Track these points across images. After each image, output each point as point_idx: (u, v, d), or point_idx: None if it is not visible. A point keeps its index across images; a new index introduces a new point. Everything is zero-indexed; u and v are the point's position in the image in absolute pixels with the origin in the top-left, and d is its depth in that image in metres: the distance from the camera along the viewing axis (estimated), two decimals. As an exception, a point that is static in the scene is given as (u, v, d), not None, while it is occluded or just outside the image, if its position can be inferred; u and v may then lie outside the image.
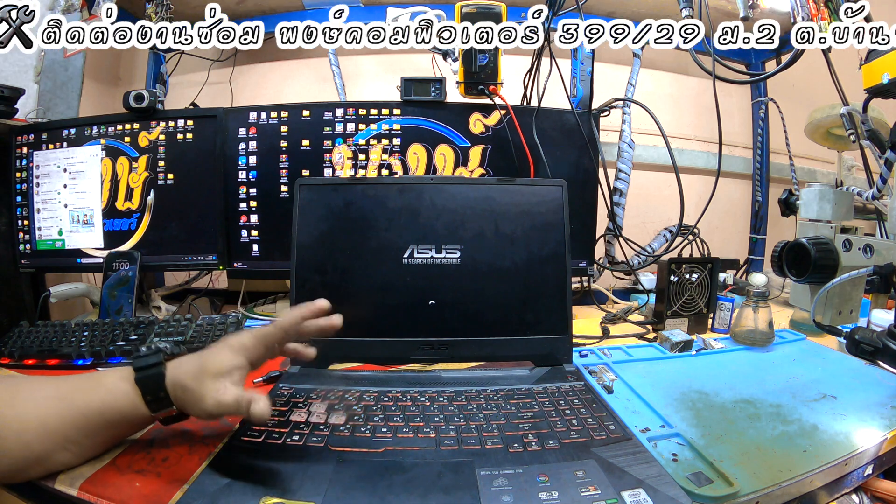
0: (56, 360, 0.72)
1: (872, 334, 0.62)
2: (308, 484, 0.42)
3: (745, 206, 1.47)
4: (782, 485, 0.45)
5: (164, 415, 0.46)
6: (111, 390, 0.45)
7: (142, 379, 0.45)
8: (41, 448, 0.43)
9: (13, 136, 0.98)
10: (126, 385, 0.45)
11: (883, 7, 0.83)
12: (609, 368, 0.71)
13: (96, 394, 0.45)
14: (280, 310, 1.03)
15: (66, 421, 0.44)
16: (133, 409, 0.45)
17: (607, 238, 1.19)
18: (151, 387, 0.45)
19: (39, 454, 0.43)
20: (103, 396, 0.45)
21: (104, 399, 0.45)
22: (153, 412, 0.45)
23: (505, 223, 0.70)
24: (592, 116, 1.02)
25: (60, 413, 0.44)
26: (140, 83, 1.36)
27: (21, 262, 0.99)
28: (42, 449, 0.43)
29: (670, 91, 1.49)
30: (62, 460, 0.44)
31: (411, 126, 0.96)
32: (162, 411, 0.45)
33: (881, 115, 0.89)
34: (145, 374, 0.45)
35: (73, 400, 0.44)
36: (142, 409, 0.45)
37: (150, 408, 0.45)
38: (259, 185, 0.97)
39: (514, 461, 0.45)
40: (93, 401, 0.44)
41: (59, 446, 0.43)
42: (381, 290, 0.68)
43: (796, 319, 0.93)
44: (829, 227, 0.70)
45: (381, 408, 0.55)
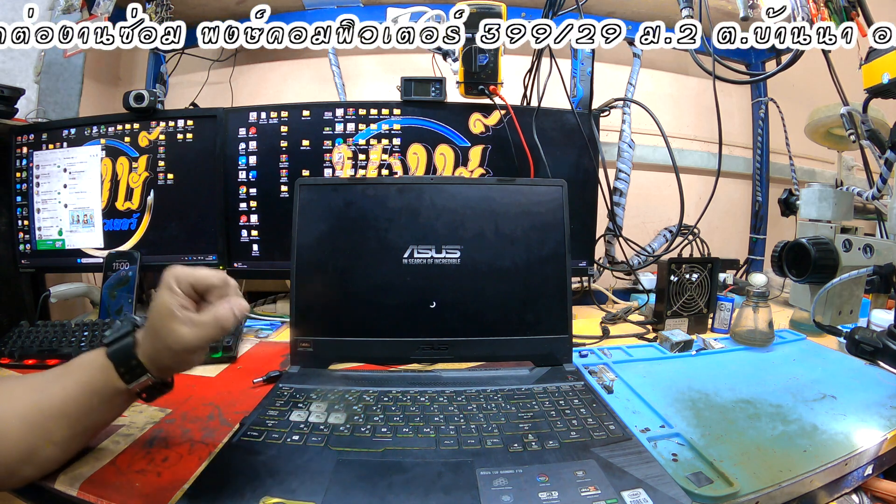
0: (56, 360, 0.72)
1: (872, 334, 0.62)
2: (308, 484, 0.42)
3: (745, 206, 1.47)
4: (782, 485, 0.45)
5: (141, 386, 0.44)
6: (87, 370, 0.44)
7: (112, 351, 0.44)
8: (25, 445, 0.41)
9: (13, 136, 0.98)
10: (99, 360, 0.44)
11: (883, 7, 0.83)
12: (609, 368, 0.71)
13: (70, 377, 0.44)
14: (280, 309, 1.03)
15: (45, 412, 0.42)
16: (107, 383, 0.44)
17: (607, 238, 1.19)
18: (122, 357, 0.44)
19: (24, 451, 0.42)
20: (77, 377, 0.44)
21: (78, 380, 0.44)
22: (128, 383, 0.44)
23: (505, 223, 0.70)
24: (592, 116, 1.02)
25: (38, 406, 0.42)
26: (140, 83, 1.36)
27: (21, 262, 0.99)
28: (26, 445, 0.42)
29: (670, 91, 1.49)
30: (50, 455, 0.43)
31: (411, 126, 0.96)
32: (137, 382, 0.44)
33: (881, 115, 0.89)
34: (115, 347, 0.44)
35: (47, 389, 0.43)
36: (116, 383, 0.44)
37: (124, 379, 0.44)
38: (259, 185, 0.97)
39: (514, 461, 0.45)
40: (67, 385, 0.43)
41: (43, 440, 0.42)
42: (381, 290, 0.68)
43: (796, 319, 0.93)
44: (829, 227, 0.70)
45: (381, 408, 0.55)
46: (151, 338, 0.44)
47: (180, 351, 0.43)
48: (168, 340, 0.43)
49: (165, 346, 0.43)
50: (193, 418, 0.55)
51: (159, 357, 0.44)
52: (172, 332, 0.42)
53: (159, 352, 0.44)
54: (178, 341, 0.42)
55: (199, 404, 0.58)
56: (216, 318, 0.43)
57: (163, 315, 0.43)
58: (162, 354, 0.44)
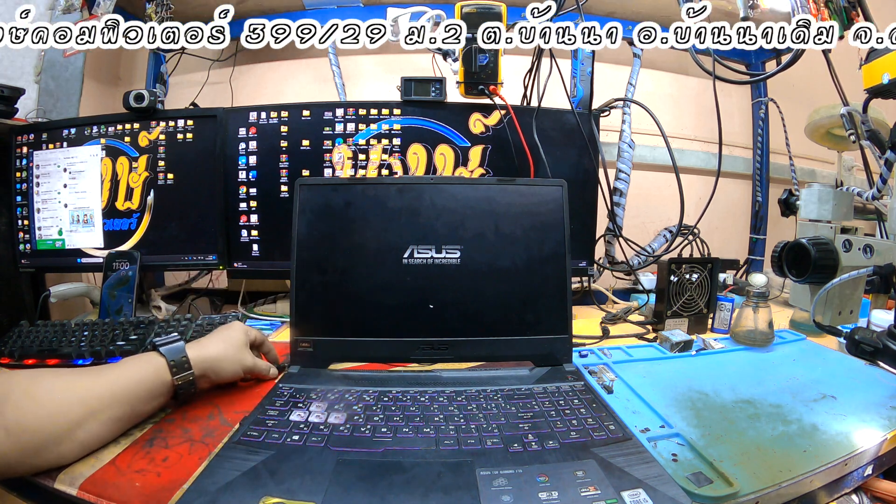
0: (56, 360, 0.72)
1: (872, 334, 0.62)
2: (308, 484, 0.42)
3: (745, 206, 1.47)
4: (782, 485, 0.45)
5: (184, 380, 0.54)
6: (135, 363, 0.53)
7: (167, 350, 0.54)
8: (67, 419, 0.45)
9: (13, 136, 0.98)
10: (151, 357, 0.54)
11: (883, 7, 0.83)
12: (609, 368, 0.71)
13: (121, 369, 0.52)
14: (280, 309, 1.03)
15: (93, 392, 0.48)
16: (157, 375, 0.52)
17: (607, 238, 1.19)
18: (174, 353, 0.54)
19: (66, 425, 0.45)
20: (128, 368, 0.52)
21: (129, 370, 0.52)
22: (174, 376, 0.53)
23: (505, 223, 0.70)
24: (592, 116, 1.02)
25: (90, 387, 0.48)
26: (140, 83, 1.36)
27: (21, 261, 0.99)
28: (68, 419, 0.45)
29: (670, 91, 1.49)
30: (93, 431, 0.47)
31: (411, 126, 0.96)
32: (181, 375, 0.54)
33: (881, 116, 0.89)
34: (168, 346, 0.55)
35: (100, 373, 0.50)
36: (164, 376, 0.53)
37: (171, 372, 0.53)
38: (259, 185, 0.97)
39: (514, 461, 0.45)
40: (120, 374, 0.51)
41: (90, 415, 0.46)
42: (381, 290, 0.68)
43: (796, 320, 0.93)
44: (829, 227, 0.70)
45: (381, 407, 0.55)
46: (210, 348, 0.59)
47: (234, 370, 0.60)
48: (228, 352, 0.60)
49: (223, 356, 0.59)
50: (193, 418, 0.55)
51: (214, 363, 0.58)
52: (236, 353, 0.61)
53: (210, 359, 0.58)
54: (242, 363, 0.61)
55: (199, 404, 0.58)
56: (256, 364, 0.63)
57: (238, 340, 0.61)
58: (211, 361, 0.58)
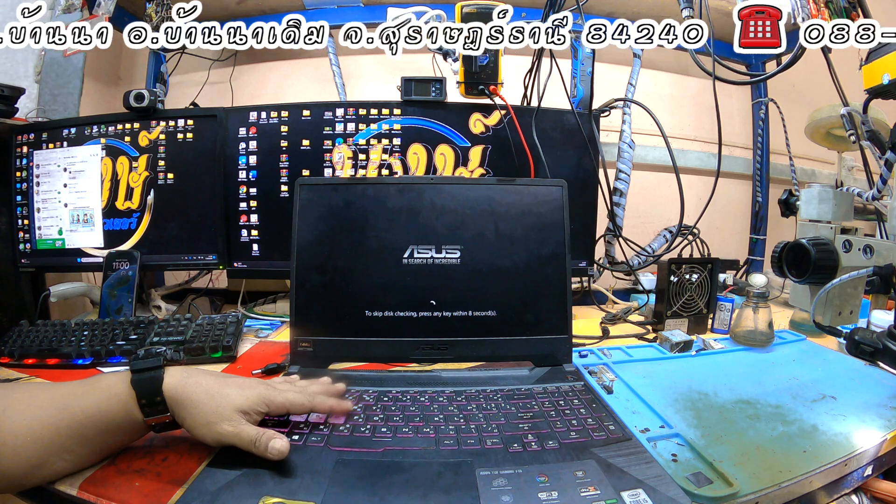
0: (56, 360, 0.72)
1: (872, 335, 0.62)
2: (308, 484, 0.42)
3: (745, 206, 1.47)
4: (782, 485, 0.45)
5: (157, 420, 0.45)
6: (106, 395, 0.45)
7: (138, 381, 0.44)
8: (37, 458, 0.42)
9: (13, 136, 0.98)
10: (122, 387, 0.44)
11: (883, 7, 0.83)
12: (609, 369, 0.71)
13: (91, 398, 0.44)
14: (280, 309, 1.03)
15: (62, 429, 0.43)
16: (126, 413, 0.44)
17: (607, 238, 1.19)
18: (147, 390, 0.44)
19: (35, 464, 0.42)
20: (97, 401, 0.44)
21: (98, 404, 0.44)
22: (146, 416, 0.44)
23: (505, 223, 0.70)
24: (592, 116, 1.02)
25: (55, 422, 0.43)
26: (140, 83, 1.36)
27: (21, 261, 0.99)
28: (38, 459, 0.42)
29: (670, 91, 1.49)
30: (58, 468, 0.44)
31: (411, 126, 0.96)
32: (155, 417, 0.45)
33: (881, 116, 0.89)
34: (142, 377, 0.45)
35: (67, 407, 0.44)
36: (135, 414, 0.44)
37: (143, 412, 0.44)
38: (259, 184, 0.97)
39: (514, 461, 0.45)
40: (87, 406, 0.44)
41: (55, 455, 0.43)
42: (381, 289, 0.68)
43: (796, 320, 0.93)
44: (829, 227, 0.70)
45: (381, 407, 0.55)
46: (191, 399, 0.45)
47: (203, 432, 0.45)
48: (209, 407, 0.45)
49: (203, 418, 0.45)
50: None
51: (185, 414, 0.45)
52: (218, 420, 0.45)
53: (186, 414, 0.45)
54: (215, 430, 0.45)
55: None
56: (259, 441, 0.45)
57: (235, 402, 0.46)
58: (188, 418, 0.45)
